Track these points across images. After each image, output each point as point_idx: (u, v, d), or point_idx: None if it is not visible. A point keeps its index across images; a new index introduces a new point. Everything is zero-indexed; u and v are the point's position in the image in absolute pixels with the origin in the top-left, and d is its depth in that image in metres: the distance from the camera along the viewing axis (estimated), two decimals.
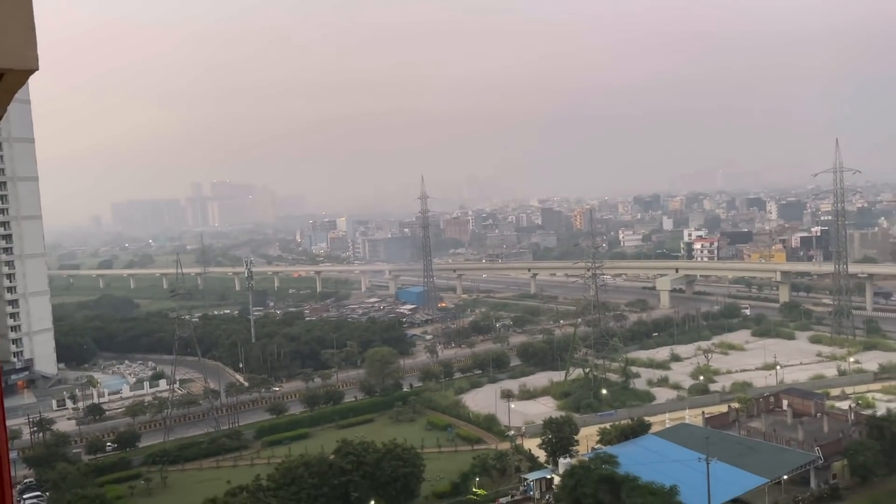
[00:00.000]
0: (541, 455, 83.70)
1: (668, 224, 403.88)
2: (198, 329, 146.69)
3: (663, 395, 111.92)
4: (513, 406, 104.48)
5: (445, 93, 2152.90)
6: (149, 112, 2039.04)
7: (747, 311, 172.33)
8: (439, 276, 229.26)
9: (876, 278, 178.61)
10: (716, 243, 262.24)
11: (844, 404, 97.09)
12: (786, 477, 72.97)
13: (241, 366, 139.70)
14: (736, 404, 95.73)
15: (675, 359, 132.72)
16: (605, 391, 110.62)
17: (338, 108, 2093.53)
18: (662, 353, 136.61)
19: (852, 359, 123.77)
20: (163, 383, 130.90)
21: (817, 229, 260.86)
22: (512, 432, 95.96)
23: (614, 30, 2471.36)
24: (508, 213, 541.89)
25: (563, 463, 77.11)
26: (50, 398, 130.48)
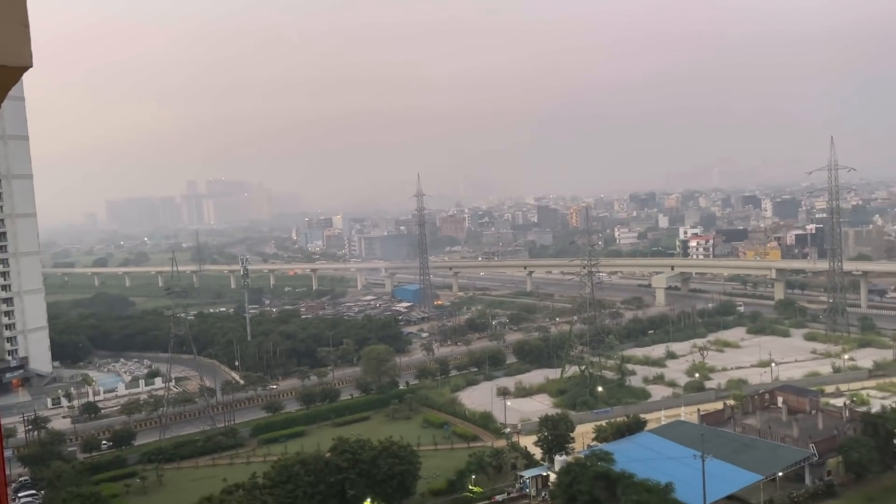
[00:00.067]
0: (537, 452, 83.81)
1: (663, 222, 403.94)
2: (193, 327, 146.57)
3: (659, 392, 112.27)
4: (509, 403, 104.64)
5: (442, 90, 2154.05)
6: (144, 109, 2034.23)
7: (742, 308, 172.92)
8: (435, 273, 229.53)
9: (870, 276, 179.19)
10: (711, 241, 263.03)
11: (839, 401, 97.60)
12: (781, 474, 73.29)
13: (236, 364, 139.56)
14: (731, 401, 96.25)
15: (671, 356, 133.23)
16: (600, 388, 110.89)
17: (334, 105, 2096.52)
18: (658, 351, 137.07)
19: (847, 356, 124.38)
20: (158, 381, 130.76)
21: (812, 227, 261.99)
22: (508, 430, 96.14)
23: (611, 28, 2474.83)
24: (504, 210, 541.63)
25: (559, 460, 77.14)
26: (45, 396, 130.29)
